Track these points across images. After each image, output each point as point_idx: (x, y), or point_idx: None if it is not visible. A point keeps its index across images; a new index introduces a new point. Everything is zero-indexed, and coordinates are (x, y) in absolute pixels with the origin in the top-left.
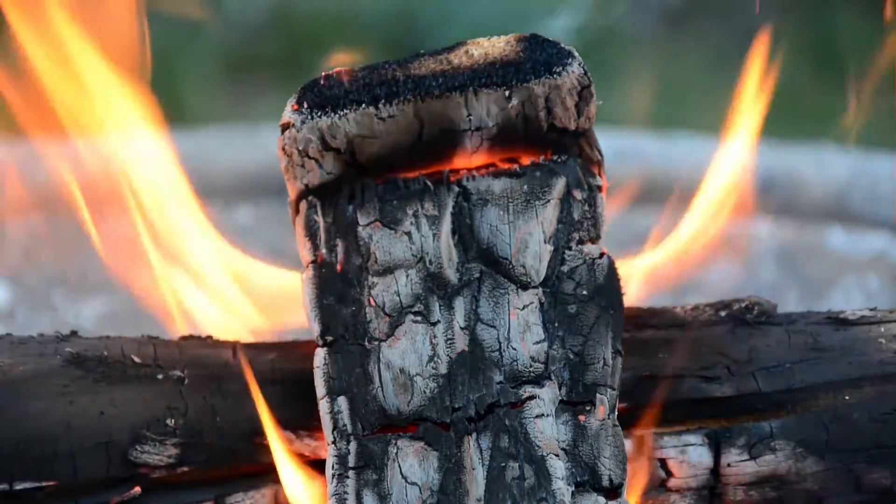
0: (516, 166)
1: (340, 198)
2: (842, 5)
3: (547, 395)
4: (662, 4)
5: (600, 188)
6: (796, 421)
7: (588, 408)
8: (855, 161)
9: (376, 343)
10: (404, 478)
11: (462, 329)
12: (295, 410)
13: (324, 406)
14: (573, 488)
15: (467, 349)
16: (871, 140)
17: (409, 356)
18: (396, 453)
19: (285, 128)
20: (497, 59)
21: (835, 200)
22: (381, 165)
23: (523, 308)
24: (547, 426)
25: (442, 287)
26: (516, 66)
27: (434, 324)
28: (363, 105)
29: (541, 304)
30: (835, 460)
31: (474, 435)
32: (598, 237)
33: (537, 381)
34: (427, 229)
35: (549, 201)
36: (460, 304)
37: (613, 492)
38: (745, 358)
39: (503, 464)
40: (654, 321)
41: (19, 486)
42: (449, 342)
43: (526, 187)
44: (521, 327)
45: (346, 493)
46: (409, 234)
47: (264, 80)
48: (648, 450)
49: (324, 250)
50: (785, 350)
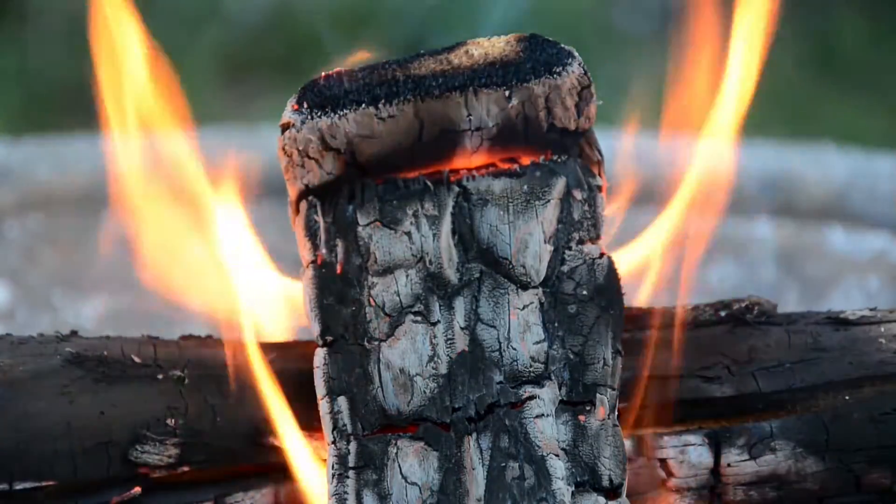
0: (516, 166)
1: (340, 198)
2: (842, 5)
3: (547, 395)
4: (662, 4)
5: (600, 188)
6: (796, 421)
7: (588, 408)
8: (855, 161)
9: (376, 343)
10: (404, 478)
11: (462, 329)
12: (295, 410)
13: (324, 406)
14: (573, 488)
15: (467, 349)
16: (872, 140)
17: (409, 356)
18: (396, 453)
19: (285, 128)
20: (497, 59)
21: (835, 200)
22: (381, 165)
23: (523, 308)
24: (547, 426)
25: (442, 287)
26: (516, 66)
27: (434, 324)
28: (363, 105)
29: (541, 304)
30: (835, 460)
31: (474, 435)
32: (598, 237)
33: (537, 381)
34: (427, 229)
35: (549, 201)
36: (460, 304)
37: (613, 492)
38: (745, 358)
39: (503, 464)
40: (654, 321)
41: (19, 486)
42: (449, 342)
43: (526, 187)
44: (521, 327)
45: (346, 493)
46: (409, 234)
47: (264, 80)
48: (648, 450)
49: (324, 250)
50: (785, 350)
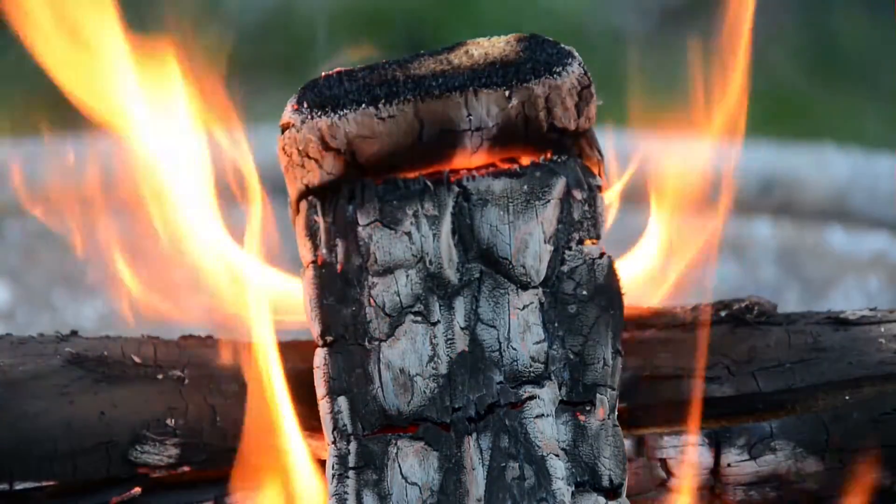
0: (516, 166)
1: (340, 198)
2: (842, 5)
3: (547, 395)
4: (662, 4)
5: (600, 188)
6: (796, 421)
7: (588, 408)
8: (855, 161)
9: (376, 343)
10: (404, 478)
11: (462, 329)
12: (294, 410)
13: (324, 406)
14: (573, 488)
15: (467, 349)
16: (872, 140)
17: (409, 356)
18: (396, 453)
19: (285, 128)
20: (497, 59)
21: (835, 200)
22: (381, 165)
23: (523, 308)
24: (547, 426)
25: (442, 287)
26: (516, 66)
27: (434, 324)
28: (363, 105)
29: (541, 304)
30: (835, 460)
31: (474, 435)
32: (598, 237)
33: (537, 381)
34: (427, 229)
35: (549, 201)
36: (460, 305)
37: (613, 492)
38: (745, 358)
39: (503, 464)
40: (654, 321)
41: (19, 486)
42: (449, 342)
43: (526, 187)
44: (521, 327)
45: (346, 493)
46: (409, 234)
47: (264, 80)
48: (648, 450)
49: (324, 250)
50: (785, 350)
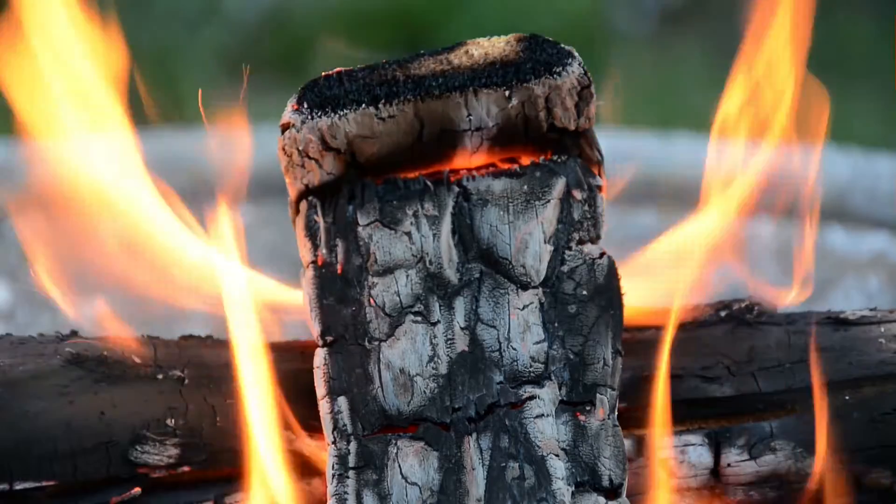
0: (516, 166)
1: (340, 198)
2: (844, 5)
3: (547, 396)
4: (662, 4)
5: (600, 188)
6: (796, 421)
7: (588, 408)
8: (855, 161)
9: (376, 343)
10: (404, 478)
11: (462, 329)
12: (295, 410)
13: (324, 406)
14: (573, 488)
15: (467, 349)
16: (872, 140)
17: (409, 356)
18: (396, 453)
19: (285, 128)
20: (497, 59)
21: (835, 200)
22: (381, 165)
23: (523, 308)
24: (547, 426)
25: (442, 287)
26: (516, 67)
27: (434, 324)
28: (363, 105)
29: (541, 304)
30: (835, 460)
31: (474, 435)
32: (598, 237)
33: (537, 381)
34: (427, 229)
35: (549, 201)
36: (460, 305)
37: (613, 492)
38: (745, 358)
39: (503, 464)
40: (654, 321)
41: (19, 486)
42: (449, 342)
43: (526, 187)
44: (521, 327)
45: (346, 493)
46: (409, 234)
47: (264, 80)
48: (648, 450)
49: (324, 250)
50: (785, 350)
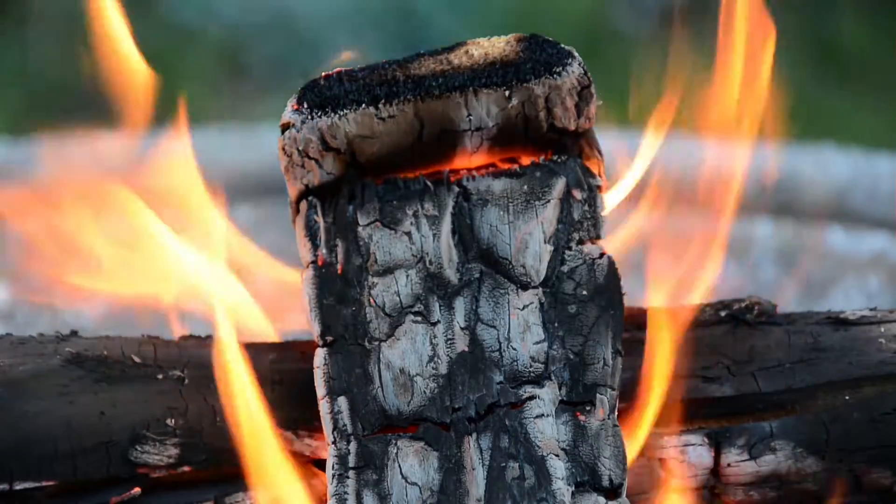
0: (516, 166)
1: (340, 198)
2: (842, 5)
3: (547, 396)
4: (662, 4)
5: (600, 188)
6: (796, 421)
7: (588, 408)
8: (855, 161)
9: (376, 343)
10: (404, 478)
11: (462, 329)
12: (295, 410)
13: (324, 406)
14: (573, 488)
15: (467, 349)
16: (872, 140)
17: (409, 356)
18: (396, 453)
19: (285, 128)
20: (497, 59)
21: (835, 200)
22: (381, 165)
23: (523, 308)
24: (547, 426)
25: (442, 287)
26: (516, 67)
27: (434, 324)
28: (363, 105)
29: (541, 304)
30: (835, 460)
31: (474, 435)
32: (598, 237)
33: (537, 381)
34: (427, 229)
35: (549, 201)
36: (460, 305)
37: (613, 492)
38: (745, 358)
39: (503, 464)
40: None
41: (19, 486)
42: (449, 342)
43: (526, 187)
44: (521, 327)
45: (346, 493)
46: (409, 234)
47: (264, 80)
48: (648, 450)
49: (324, 250)
50: (785, 350)
